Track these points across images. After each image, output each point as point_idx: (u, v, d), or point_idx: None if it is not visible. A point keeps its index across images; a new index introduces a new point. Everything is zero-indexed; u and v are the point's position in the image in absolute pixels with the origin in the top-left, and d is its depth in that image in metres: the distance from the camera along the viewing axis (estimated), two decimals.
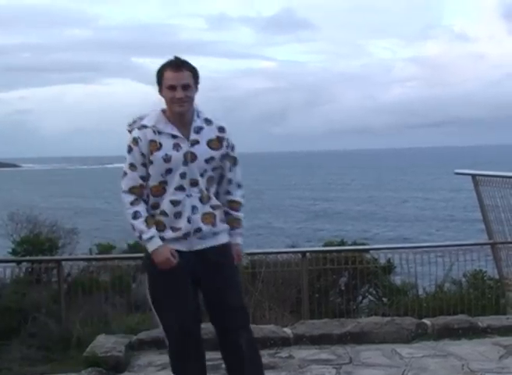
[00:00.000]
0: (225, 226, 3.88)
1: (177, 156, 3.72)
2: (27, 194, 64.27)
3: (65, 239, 10.79)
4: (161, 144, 3.73)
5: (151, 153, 3.73)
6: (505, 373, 4.71)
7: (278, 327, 5.78)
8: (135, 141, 3.76)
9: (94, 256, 9.45)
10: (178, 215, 3.74)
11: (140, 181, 3.76)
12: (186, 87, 3.73)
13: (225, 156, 3.84)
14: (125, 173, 3.79)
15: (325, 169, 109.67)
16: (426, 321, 5.87)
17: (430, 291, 8.17)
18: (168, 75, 3.74)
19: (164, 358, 5.15)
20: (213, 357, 5.11)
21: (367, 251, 8.81)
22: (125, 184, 3.78)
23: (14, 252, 9.88)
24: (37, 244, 9.86)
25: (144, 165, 3.77)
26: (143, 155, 3.75)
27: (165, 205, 3.74)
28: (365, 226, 39.37)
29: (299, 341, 5.53)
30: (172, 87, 3.72)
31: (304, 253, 7.99)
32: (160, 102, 3.86)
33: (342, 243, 9.81)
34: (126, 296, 7.85)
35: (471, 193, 8.80)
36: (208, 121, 3.83)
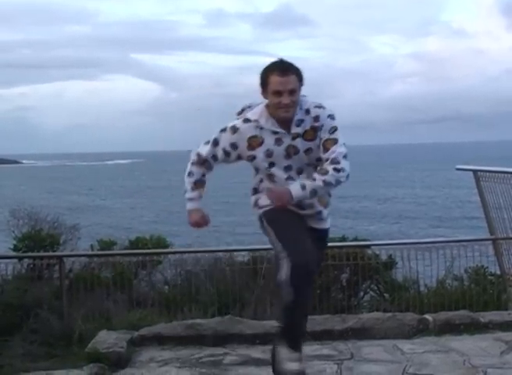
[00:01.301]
0: (327, 212, 4.11)
1: (279, 150, 3.84)
2: (27, 190, 64.30)
3: (67, 235, 10.79)
4: (263, 140, 3.84)
5: (253, 148, 3.86)
6: (506, 369, 4.71)
7: None
8: (234, 129, 3.88)
9: (95, 252, 9.43)
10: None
11: (209, 156, 3.94)
12: (292, 92, 3.77)
13: (320, 143, 3.90)
14: (207, 142, 3.96)
15: None
16: (428, 317, 5.86)
17: (431, 286, 8.16)
18: (275, 79, 3.76)
19: (165, 353, 5.17)
20: (214, 353, 5.14)
21: (368, 247, 8.80)
22: (199, 148, 3.99)
23: (15, 248, 9.89)
24: (38, 241, 9.86)
25: (226, 152, 3.90)
26: (232, 145, 3.87)
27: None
28: (360, 223, 39.20)
29: None
30: (279, 93, 3.75)
31: None
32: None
33: (343, 239, 9.81)
34: (127, 292, 7.85)
35: (471, 189, 8.80)
36: (307, 111, 3.88)
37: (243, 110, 3.97)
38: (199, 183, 4.03)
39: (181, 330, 5.49)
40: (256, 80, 3.88)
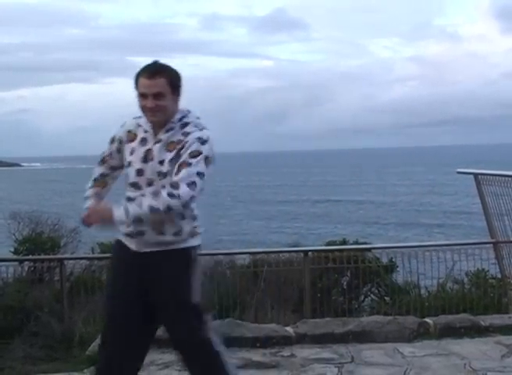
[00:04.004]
0: (177, 237, 3.59)
1: (139, 151, 3.62)
2: (25, 193, 64.28)
3: (68, 238, 10.80)
4: (136, 136, 3.66)
5: (127, 142, 3.69)
6: (507, 372, 4.71)
7: (280, 326, 5.79)
8: (122, 124, 3.78)
9: (96, 255, 9.43)
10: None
11: (106, 154, 3.85)
12: (157, 96, 3.53)
13: (174, 160, 3.52)
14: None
15: (326, 168, 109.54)
16: (428, 320, 5.87)
17: (432, 290, 8.16)
18: (141, 82, 3.56)
19: (166, 357, 5.16)
20: None
21: (369, 250, 8.81)
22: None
23: (16, 251, 9.90)
24: (39, 243, 9.87)
25: (118, 149, 3.76)
26: (119, 139, 3.74)
27: (124, 199, 3.63)
28: (361, 227, 39.05)
29: (301, 339, 5.53)
30: (144, 95, 3.55)
31: (306, 252, 7.99)
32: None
33: (344, 242, 9.81)
34: None
35: (472, 192, 8.80)
36: (184, 125, 3.61)
37: None
38: (98, 181, 3.83)
39: None
40: (253, 83, 3.76)
